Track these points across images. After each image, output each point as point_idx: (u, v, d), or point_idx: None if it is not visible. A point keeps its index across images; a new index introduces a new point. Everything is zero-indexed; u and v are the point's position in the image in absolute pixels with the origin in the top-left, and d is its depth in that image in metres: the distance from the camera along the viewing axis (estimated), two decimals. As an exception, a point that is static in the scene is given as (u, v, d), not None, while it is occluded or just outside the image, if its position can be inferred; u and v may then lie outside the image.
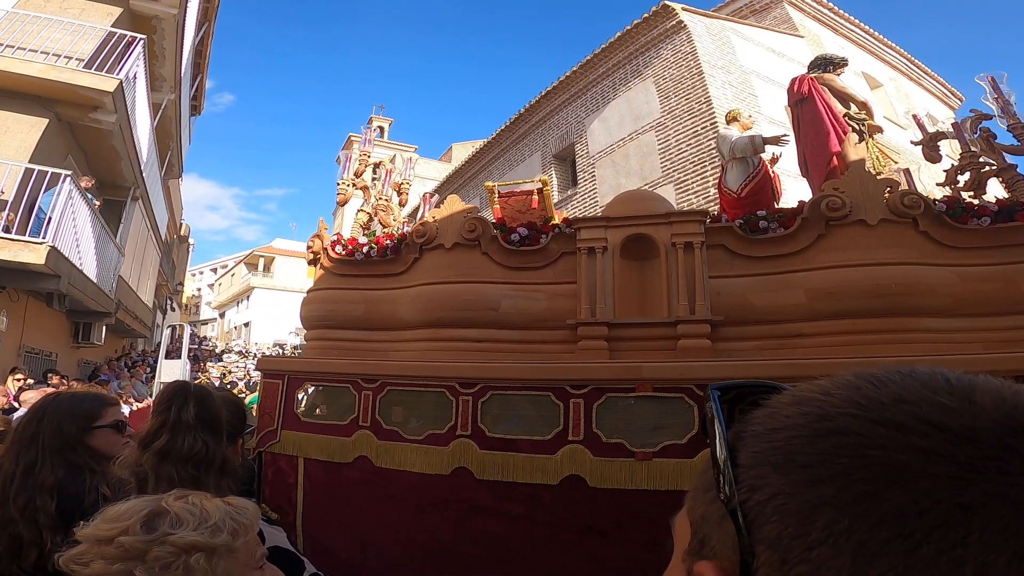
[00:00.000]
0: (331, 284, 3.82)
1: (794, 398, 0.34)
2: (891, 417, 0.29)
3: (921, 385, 0.30)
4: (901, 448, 0.27)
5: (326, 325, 3.73)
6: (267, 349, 22.26)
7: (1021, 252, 2.40)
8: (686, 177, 9.18)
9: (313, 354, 3.74)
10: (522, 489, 2.60)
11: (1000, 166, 2.66)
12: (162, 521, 0.80)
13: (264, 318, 32.69)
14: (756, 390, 0.38)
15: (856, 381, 0.32)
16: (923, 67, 13.44)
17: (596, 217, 2.95)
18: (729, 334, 2.61)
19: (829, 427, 0.30)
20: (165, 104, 12.14)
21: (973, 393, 0.29)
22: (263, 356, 5.82)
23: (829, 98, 3.48)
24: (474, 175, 14.71)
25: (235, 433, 1.78)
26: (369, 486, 3.08)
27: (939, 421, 0.28)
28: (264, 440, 3.50)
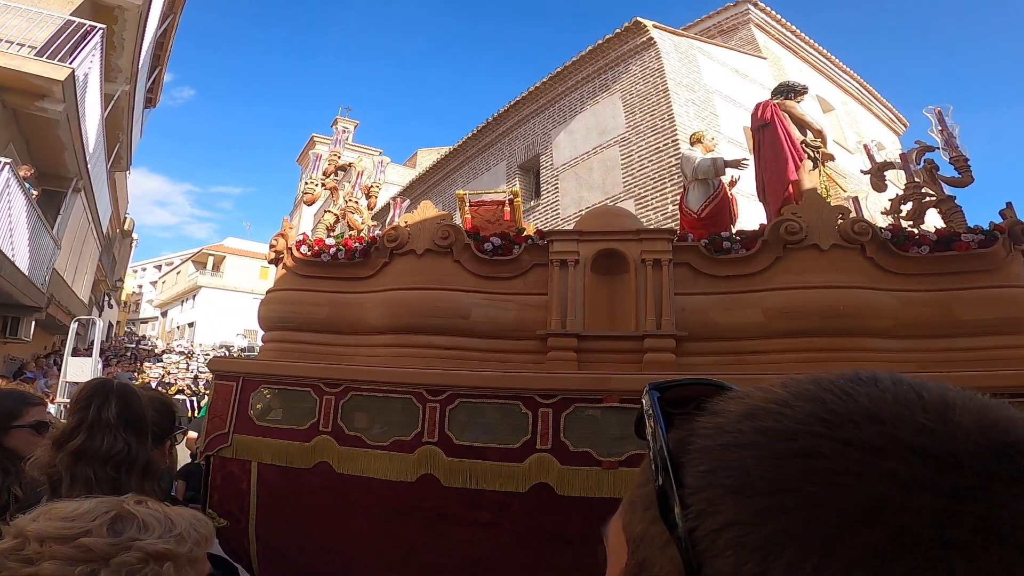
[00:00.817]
0: (294, 285, 3.71)
1: (746, 409, 0.29)
2: (865, 438, 0.25)
3: (893, 400, 0.27)
4: (878, 476, 0.24)
5: (287, 327, 3.61)
6: (212, 350, 21.24)
7: (955, 280, 2.61)
8: (646, 193, 9.39)
9: (271, 356, 3.61)
10: (490, 497, 2.59)
11: (939, 197, 2.89)
12: (128, 525, 0.77)
13: (210, 318, 31.22)
14: (699, 389, 0.34)
15: (816, 391, 0.28)
16: (873, 92, 14.04)
17: (569, 230, 3.00)
18: (692, 349, 2.70)
19: (793, 448, 0.26)
20: (118, 95, 11.58)
21: (950, 411, 0.26)
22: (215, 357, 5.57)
23: (789, 125, 3.68)
24: (439, 182, 14.64)
25: (162, 434, 1.71)
26: (330, 492, 2.99)
27: (919, 445, 0.25)
28: (213, 444, 3.34)
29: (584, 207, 10.44)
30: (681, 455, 0.30)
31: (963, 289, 2.59)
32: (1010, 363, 2.49)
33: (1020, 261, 2.65)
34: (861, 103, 13.77)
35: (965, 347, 2.56)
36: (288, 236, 3.93)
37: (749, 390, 0.32)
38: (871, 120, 13.92)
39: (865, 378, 0.29)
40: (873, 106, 14.16)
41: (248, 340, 22.41)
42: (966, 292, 2.58)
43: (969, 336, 2.55)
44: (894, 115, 14.67)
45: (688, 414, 0.32)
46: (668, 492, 0.28)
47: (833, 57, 13.11)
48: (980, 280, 2.59)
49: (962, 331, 2.56)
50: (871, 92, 14.00)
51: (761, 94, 10.84)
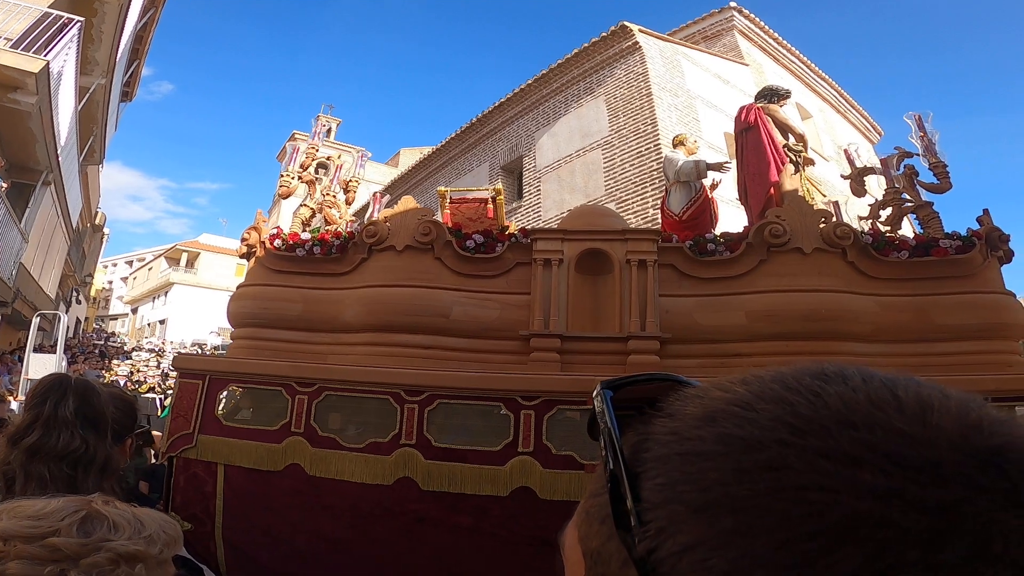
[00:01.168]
0: (266, 280, 3.56)
1: (706, 412, 0.27)
2: (839, 448, 0.22)
3: (867, 401, 0.24)
4: (855, 491, 0.21)
5: (258, 323, 3.47)
6: (184, 348, 20.67)
7: (933, 285, 2.63)
8: (627, 196, 9.39)
9: (241, 353, 3.47)
10: (470, 500, 2.51)
11: (917, 203, 2.91)
12: (98, 526, 0.75)
13: (183, 316, 30.42)
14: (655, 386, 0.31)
15: (783, 392, 0.25)
16: (850, 100, 14.13)
17: (554, 229, 2.94)
18: (675, 351, 2.66)
19: (760, 460, 0.23)
20: (94, 88, 11.27)
21: (929, 412, 0.24)
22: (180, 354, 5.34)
23: (772, 128, 3.68)
24: (421, 181, 14.49)
25: (122, 432, 1.66)
26: (301, 495, 2.87)
27: (898, 454, 0.22)
28: (177, 444, 3.20)
29: (566, 209, 10.40)
30: (637, 464, 0.27)
31: (941, 294, 2.61)
32: (987, 368, 2.51)
33: (996, 267, 2.68)
34: (838, 111, 13.89)
35: (942, 352, 2.57)
36: (261, 229, 3.79)
37: (708, 388, 0.29)
38: (847, 128, 14.04)
39: (832, 375, 0.26)
40: (849, 114, 14.30)
41: (222, 338, 21.85)
42: (944, 297, 2.60)
43: (946, 341, 2.57)
44: (869, 123, 14.85)
45: (644, 415, 0.29)
46: (623, 508, 0.26)
47: (812, 64, 13.19)
48: (957, 286, 2.61)
49: (940, 336, 2.58)
50: (847, 100, 14.14)
51: (743, 100, 10.95)
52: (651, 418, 0.29)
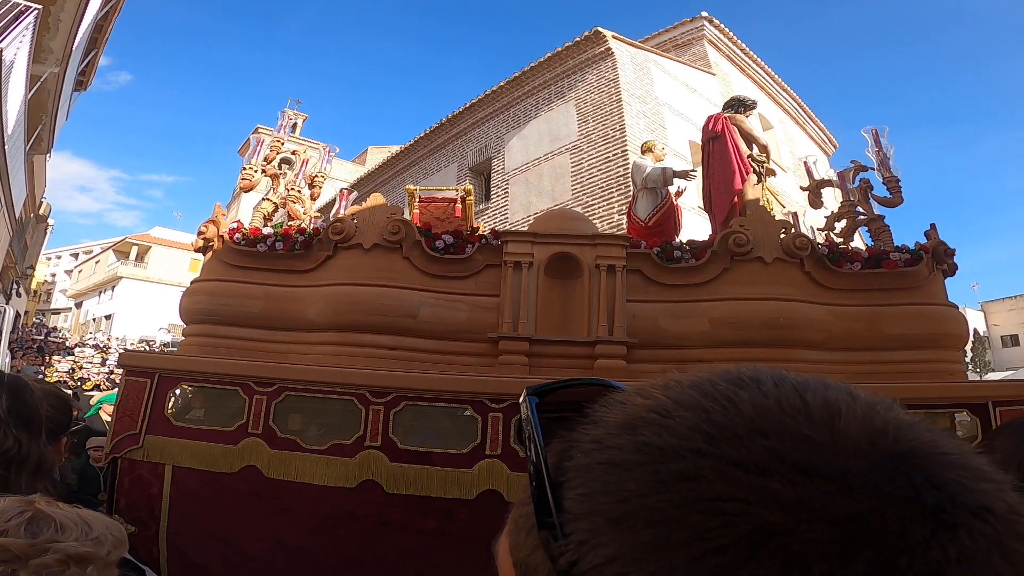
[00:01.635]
0: (224, 275, 3.40)
1: (627, 419, 0.26)
2: (749, 457, 0.22)
3: (778, 407, 0.24)
4: (765, 502, 0.21)
5: (214, 320, 3.30)
6: (131, 345, 19.62)
7: (882, 296, 2.75)
8: (593, 201, 9.44)
9: (194, 351, 3.30)
10: (437, 504, 2.45)
11: (870, 216, 3.04)
12: (45, 527, 0.74)
13: (130, 311, 28.86)
14: (583, 391, 0.31)
15: (699, 399, 0.25)
16: (809, 112, 14.49)
17: (524, 232, 2.92)
18: (641, 356, 2.69)
19: (676, 470, 0.23)
20: (46, 77, 10.66)
21: (836, 418, 0.24)
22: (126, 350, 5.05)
23: (737, 138, 3.75)
24: (388, 180, 14.25)
25: (57, 430, 1.61)
26: (258, 499, 2.75)
27: (805, 463, 0.22)
28: (122, 445, 3.02)
29: (532, 212, 10.43)
30: (560, 474, 0.27)
31: (889, 305, 2.73)
32: (931, 376, 2.64)
33: (941, 280, 2.83)
34: (797, 122, 14.25)
35: (890, 360, 2.69)
36: (220, 223, 3.61)
37: (631, 393, 0.29)
38: (805, 140, 14.41)
39: (748, 379, 0.26)
40: (808, 126, 14.70)
41: (172, 335, 20.84)
42: (892, 308, 2.72)
43: (894, 350, 2.69)
44: (825, 135, 15.31)
45: (571, 420, 0.29)
46: (545, 520, 0.25)
47: (776, 76, 13.49)
48: (905, 297, 2.74)
49: (888, 345, 2.69)
50: (807, 112, 14.52)
51: (708, 109, 11.15)
52: (577, 424, 0.28)
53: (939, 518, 0.21)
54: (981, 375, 26.51)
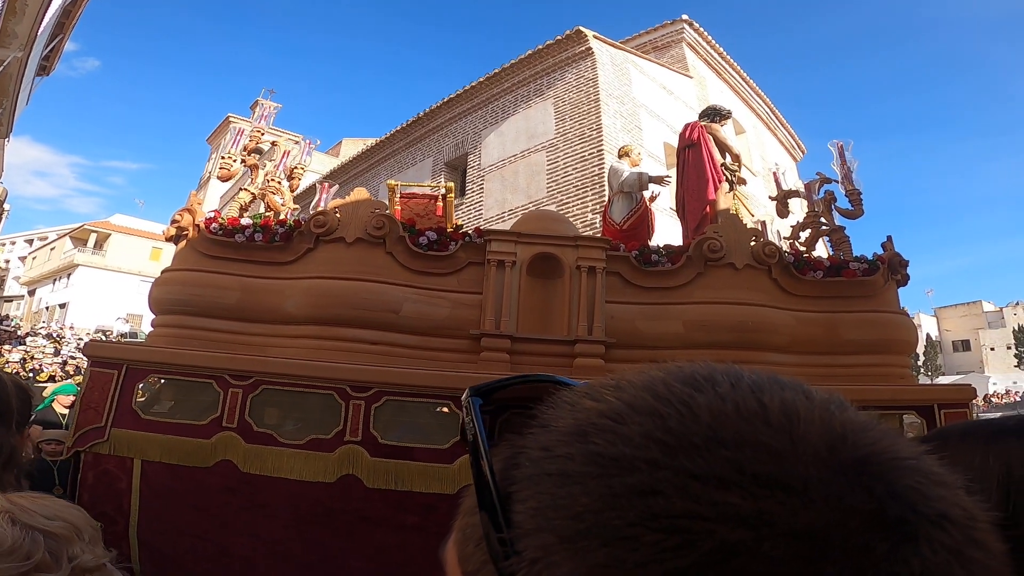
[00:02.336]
0: (199, 265, 3.28)
1: (576, 423, 0.24)
2: (708, 468, 0.21)
3: (735, 412, 0.23)
4: (725, 518, 0.20)
5: (186, 311, 3.18)
6: (87, 335, 18.66)
7: (841, 303, 2.88)
8: (568, 200, 9.38)
9: (164, 342, 3.18)
10: (417, 498, 2.44)
11: (832, 227, 3.18)
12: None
13: (87, 300, 27.44)
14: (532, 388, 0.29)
15: (653, 403, 0.24)
16: (780, 117, 14.50)
17: (508, 231, 2.93)
18: (618, 356, 2.74)
19: (631, 484, 0.21)
20: (8, 61, 10.00)
21: (794, 423, 0.23)
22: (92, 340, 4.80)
23: (712, 147, 3.85)
24: (362, 172, 13.96)
25: (23, 421, 1.54)
26: (233, 494, 2.68)
27: (765, 474, 0.21)
28: (86, 438, 2.90)
29: (507, 209, 10.40)
30: (508, 483, 0.24)
31: (847, 312, 2.87)
32: (883, 379, 2.80)
33: (894, 289, 2.99)
34: (768, 128, 14.32)
35: (846, 363, 2.83)
36: (196, 212, 3.49)
37: (581, 395, 0.26)
38: (775, 145, 14.50)
39: (703, 380, 0.25)
40: (778, 131, 14.76)
41: (131, 325, 19.90)
42: (849, 315, 2.86)
43: (850, 354, 2.83)
44: (795, 141, 15.44)
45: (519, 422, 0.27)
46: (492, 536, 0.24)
47: (751, 81, 13.52)
48: (861, 305, 2.88)
49: (845, 349, 2.83)
50: (778, 117, 14.59)
51: (684, 112, 11.21)
52: (525, 426, 0.26)
53: (901, 530, 0.20)
54: (932, 379, 27.94)
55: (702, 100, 11.90)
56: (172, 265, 3.45)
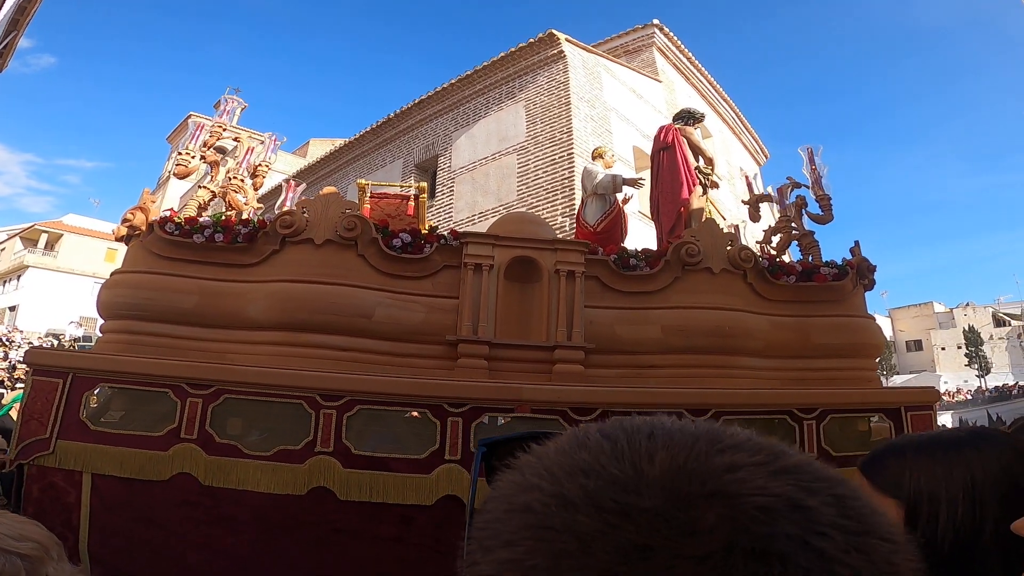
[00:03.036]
0: (152, 267, 3.03)
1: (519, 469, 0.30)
2: (565, 491, 0.26)
3: (610, 448, 0.27)
4: (566, 530, 0.24)
5: (138, 316, 2.93)
6: (37, 339, 17.50)
7: (812, 308, 2.90)
8: (538, 203, 9.34)
9: (114, 348, 2.93)
10: (394, 510, 2.31)
11: (801, 231, 3.20)
12: None
13: (37, 302, 25.78)
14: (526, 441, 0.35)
15: (570, 448, 0.29)
16: (745, 122, 14.65)
17: (485, 233, 2.82)
18: (597, 361, 2.67)
19: (520, 503, 0.27)
20: None
21: (652, 456, 0.26)
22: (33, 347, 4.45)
23: (686, 150, 3.81)
24: (330, 173, 13.56)
25: None
26: (192, 507, 2.48)
27: (601, 498, 0.25)
28: (29, 450, 2.68)
29: (478, 212, 10.29)
30: None
31: (818, 316, 2.88)
32: (852, 383, 2.82)
33: (862, 294, 3.02)
34: (734, 132, 14.46)
35: (817, 367, 2.85)
36: (148, 210, 3.24)
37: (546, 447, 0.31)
38: (740, 150, 14.62)
39: (625, 428, 0.29)
40: (743, 136, 14.90)
41: (85, 329, 18.79)
42: (820, 319, 2.88)
43: (821, 358, 2.84)
44: (759, 146, 15.65)
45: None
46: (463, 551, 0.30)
47: (718, 86, 13.66)
48: (831, 309, 2.91)
49: (816, 353, 2.85)
50: (743, 122, 14.77)
51: (653, 116, 11.34)
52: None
53: (709, 563, 0.22)
54: (887, 378, 29.03)
55: (671, 104, 12.07)
56: (123, 267, 3.19)
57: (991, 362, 30.86)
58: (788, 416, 2.61)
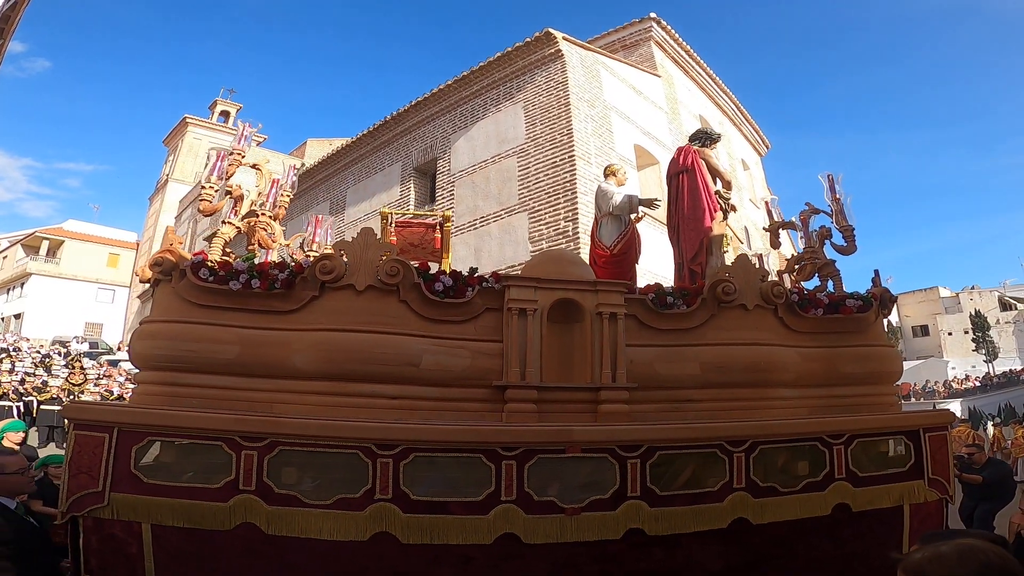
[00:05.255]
0: (187, 316, 2.90)
1: None
2: None
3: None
4: None
5: (178, 368, 2.83)
6: (40, 346, 17.15)
7: (838, 339, 2.94)
8: (540, 207, 9.05)
9: (153, 401, 2.85)
10: (454, 551, 2.34)
11: (823, 261, 3.22)
12: None
13: (42, 310, 25.28)
14: None
15: None
16: (745, 113, 14.50)
17: (527, 277, 2.79)
18: (638, 397, 2.69)
19: None
20: None
21: None
22: (74, 402, 4.28)
23: (705, 173, 3.79)
24: (328, 177, 13.29)
25: None
26: (256, 556, 2.48)
27: None
28: (82, 503, 2.63)
29: (479, 216, 10.14)
30: None
31: (844, 347, 2.93)
32: (874, 408, 2.89)
33: (883, 324, 3.07)
34: (734, 123, 14.29)
35: (843, 395, 2.90)
36: (177, 253, 3.10)
37: None
38: (741, 141, 14.43)
39: None
40: (744, 127, 14.74)
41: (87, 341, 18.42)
42: (846, 349, 2.92)
43: (846, 386, 2.90)
44: (760, 137, 15.50)
45: None
46: None
47: (717, 78, 13.45)
48: (856, 339, 2.95)
49: (842, 382, 2.90)
50: (743, 113, 14.58)
51: (653, 112, 11.12)
52: None
53: None
54: None
55: (670, 99, 11.90)
56: (155, 315, 3.03)
57: (998, 347, 29.73)
58: (819, 442, 2.66)
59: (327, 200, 13.08)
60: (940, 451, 2.72)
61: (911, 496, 2.68)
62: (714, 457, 2.53)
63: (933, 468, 2.71)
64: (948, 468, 2.72)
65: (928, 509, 2.69)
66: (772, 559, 2.53)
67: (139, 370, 3.08)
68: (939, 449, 2.78)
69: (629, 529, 2.41)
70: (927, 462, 2.71)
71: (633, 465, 2.45)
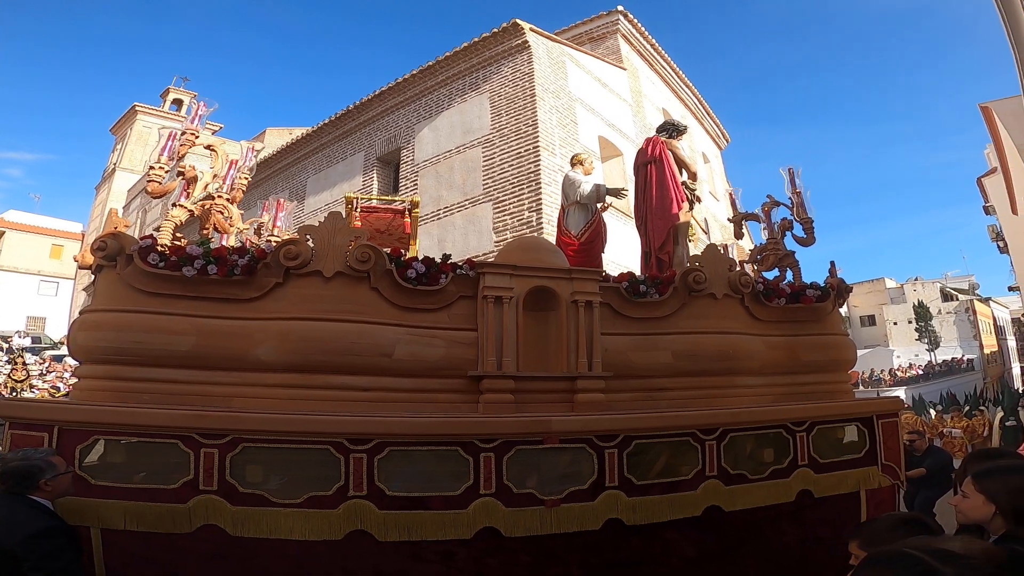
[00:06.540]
0: (135, 305, 2.63)
1: None
2: None
3: None
4: None
5: (125, 360, 2.58)
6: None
7: (799, 327, 3.02)
8: (504, 197, 9.00)
9: (99, 397, 2.58)
10: (434, 547, 2.24)
11: (783, 252, 3.30)
12: None
13: (-20, 303, 23.12)
14: None
15: None
16: (707, 107, 14.57)
17: (502, 264, 2.68)
18: (613, 387, 2.66)
19: None
20: None
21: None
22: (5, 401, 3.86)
23: (673, 164, 3.79)
24: (289, 166, 12.65)
25: None
26: (224, 559, 2.30)
27: None
28: None
29: (443, 206, 9.94)
30: None
31: (803, 335, 3.01)
32: (831, 395, 3.00)
33: (838, 313, 3.17)
34: (696, 117, 14.35)
35: (803, 382, 2.99)
36: (124, 237, 2.80)
37: None
38: (702, 134, 14.53)
39: None
40: (705, 121, 14.84)
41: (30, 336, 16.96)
42: (805, 338, 3.00)
43: (806, 373, 2.98)
44: (720, 131, 15.68)
45: None
46: None
47: (681, 72, 13.52)
48: (814, 328, 3.04)
49: (802, 369, 2.99)
50: (705, 107, 14.69)
51: (618, 104, 11.15)
52: None
53: None
54: None
55: (635, 92, 11.97)
56: (97, 304, 2.72)
57: (940, 336, 30.82)
58: (783, 430, 2.73)
59: (286, 189, 12.46)
60: (891, 438, 2.84)
61: (867, 482, 2.78)
62: (687, 445, 2.54)
63: (885, 454, 2.82)
64: (899, 454, 2.85)
65: (882, 495, 2.80)
66: (744, 545, 2.57)
67: (80, 363, 2.79)
68: (891, 436, 2.90)
69: (608, 519, 2.39)
70: (880, 448, 2.82)
71: (611, 455, 2.42)
